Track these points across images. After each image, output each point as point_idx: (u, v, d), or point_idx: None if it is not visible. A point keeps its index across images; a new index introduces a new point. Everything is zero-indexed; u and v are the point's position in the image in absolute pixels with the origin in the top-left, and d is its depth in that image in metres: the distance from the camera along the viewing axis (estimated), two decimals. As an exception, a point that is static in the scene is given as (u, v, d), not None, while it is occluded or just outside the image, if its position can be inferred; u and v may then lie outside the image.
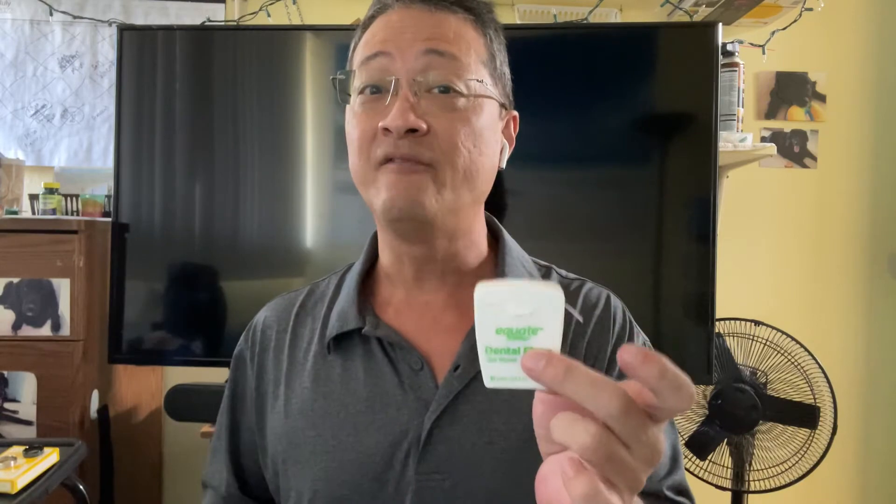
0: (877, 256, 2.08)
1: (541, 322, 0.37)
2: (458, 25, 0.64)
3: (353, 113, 0.65)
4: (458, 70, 0.61)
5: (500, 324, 0.37)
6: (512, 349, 0.37)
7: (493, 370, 0.38)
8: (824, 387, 1.55)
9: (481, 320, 0.38)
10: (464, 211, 0.65)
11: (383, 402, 0.64)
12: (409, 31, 0.62)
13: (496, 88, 0.66)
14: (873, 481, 2.11)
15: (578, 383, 0.35)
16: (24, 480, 1.07)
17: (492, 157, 0.66)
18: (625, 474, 0.35)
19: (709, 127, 1.36)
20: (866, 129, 2.08)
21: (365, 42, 0.65)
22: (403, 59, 0.61)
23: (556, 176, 1.42)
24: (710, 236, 1.37)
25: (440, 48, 0.61)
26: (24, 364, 1.46)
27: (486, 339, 0.38)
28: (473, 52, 0.63)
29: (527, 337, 0.37)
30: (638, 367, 0.34)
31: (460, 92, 0.61)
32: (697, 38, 1.39)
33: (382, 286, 0.72)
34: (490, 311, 0.38)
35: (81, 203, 1.72)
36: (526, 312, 0.37)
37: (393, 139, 0.60)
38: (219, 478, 0.75)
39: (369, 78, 0.62)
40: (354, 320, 0.67)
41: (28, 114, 1.94)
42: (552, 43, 1.45)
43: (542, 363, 0.36)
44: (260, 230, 1.46)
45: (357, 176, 0.65)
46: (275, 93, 1.45)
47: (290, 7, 1.89)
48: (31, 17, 1.94)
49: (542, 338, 0.37)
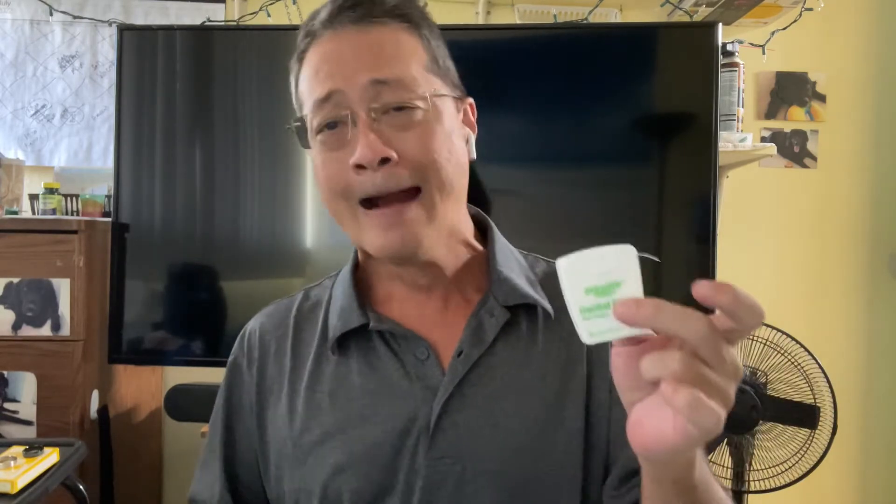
0: (877, 256, 2.08)
1: (621, 275, 0.41)
2: (392, 38, 0.63)
3: (317, 152, 0.64)
4: (407, 86, 0.62)
5: (588, 283, 0.41)
6: (602, 304, 0.41)
7: (589, 327, 0.42)
8: (824, 387, 1.55)
9: (570, 285, 0.42)
10: (450, 217, 0.66)
11: (389, 394, 0.65)
12: (350, 60, 0.61)
13: (446, 86, 0.66)
14: (873, 481, 2.11)
15: (669, 316, 0.39)
16: (24, 480, 1.07)
17: (462, 155, 0.67)
18: (716, 391, 0.38)
19: (709, 127, 1.36)
20: (866, 129, 2.08)
21: (308, 78, 0.64)
22: (353, 89, 0.61)
23: (556, 176, 1.42)
24: (710, 236, 1.37)
25: (384, 77, 0.61)
26: (24, 364, 1.46)
27: (577, 300, 0.42)
28: (415, 62, 0.63)
29: (612, 291, 0.41)
30: (714, 296, 0.39)
31: (416, 106, 0.62)
32: (697, 38, 1.39)
33: (379, 282, 0.72)
34: (575, 275, 0.42)
35: (81, 203, 1.72)
36: (606, 270, 0.41)
37: (368, 174, 0.60)
38: (210, 491, 0.73)
39: (325, 117, 0.62)
40: (358, 317, 0.67)
41: (28, 114, 1.94)
42: (552, 43, 1.45)
43: (634, 308, 0.39)
44: (260, 230, 1.46)
45: (335, 214, 0.66)
46: (275, 93, 1.45)
47: (290, 7, 1.89)
48: (31, 17, 1.94)
49: (626, 288, 0.41)
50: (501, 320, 0.66)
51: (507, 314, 0.67)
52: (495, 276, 0.69)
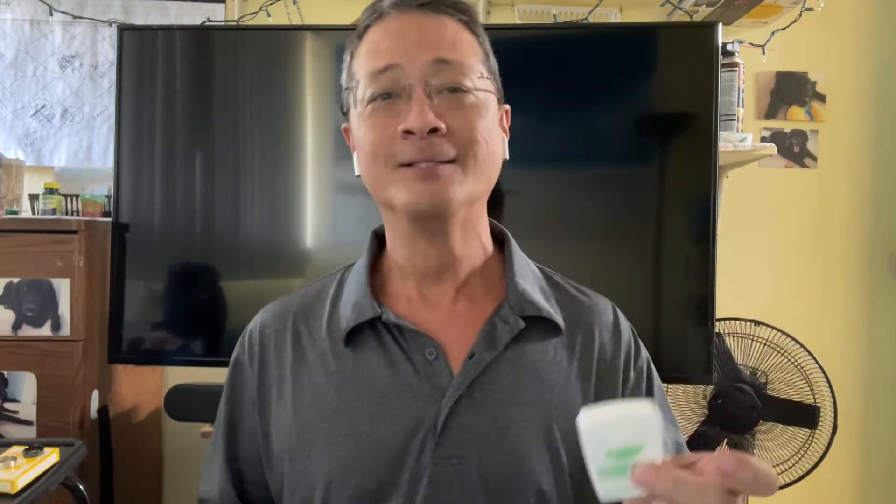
0: (877, 256, 2.08)
1: (643, 440, 0.43)
2: (454, 29, 0.66)
3: (363, 118, 0.66)
4: (465, 71, 0.64)
5: (608, 447, 0.43)
6: (621, 467, 0.43)
7: (607, 486, 0.44)
8: (824, 387, 1.55)
9: (591, 447, 0.43)
10: (476, 203, 0.69)
11: (398, 392, 0.65)
12: (413, 38, 0.64)
13: (493, 84, 0.69)
14: (873, 481, 2.11)
15: (686, 489, 0.41)
16: (24, 480, 1.07)
17: (499, 150, 0.70)
18: None
19: (709, 127, 1.36)
20: (866, 129, 2.08)
21: (368, 52, 0.66)
22: (413, 66, 0.63)
23: (556, 176, 1.42)
24: (710, 236, 1.37)
25: (446, 57, 0.63)
26: (24, 364, 1.46)
27: (597, 463, 0.43)
28: (473, 54, 0.66)
29: (633, 455, 0.43)
30: (735, 473, 0.41)
31: (469, 90, 0.64)
32: (697, 38, 1.39)
33: (391, 281, 0.73)
34: (597, 438, 0.43)
35: (81, 203, 1.72)
36: (629, 434, 0.43)
37: (415, 141, 0.62)
38: (216, 488, 0.74)
39: (381, 87, 0.64)
40: (371, 310, 0.68)
41: (28, 114, 1.94)
42: (552, 43, 1.45)
43: (653, 476, 0.42)
44: (260, 230, 1.46)
45: (372, 180, 0.67)
46: (275, 93, 1.45)
47: (290, 7, 1.89)
48: (31, 17, 1.94)
49: (646, 453, 0.43)
50: (515, 329, 0.67)
51: (521, 323, 0.68)
52: (512, 285, 0.70)
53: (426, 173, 0.63)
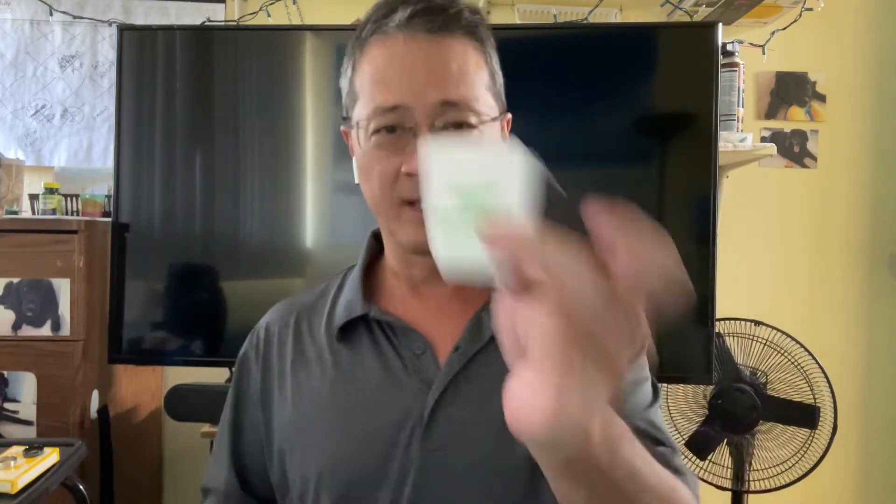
0: (877, 256, 2.08)
1: (497, 177, 0.29)
2: (462, 54, 0.65)
3: (369, 148, 0.66)
4: (471, 107, 0.64)
5: (453, 177, 0.30)
6: (464, 207, 0.30)
7: (446, 241, 0.31)
8: (824, 387, 1.55)
9: (431, 173, 0.30)
10: None
11: (388, 386, 0.67)
12: (421, 74, 0.63)
13: (497, 105, 0.69)
14: (873, 481, 2.11)
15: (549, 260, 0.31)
16: (24, 480, 1.07)
17: None
18: (596, 366, 0.31)
19: (709, 127, 1.36)
20: (866, 129, 2.08)
21: (373, 77, 0.65)
22: (421, 106, 0.63)
23: (556, 176, 1.41)
24: (710, 236, 1.37)
25: (454, 98, 0.63)
26: (24, 364, 1.46)
27: (433, 199, 0.29)
28: (479, 81, 0.66)
29: (482, 194, 0.29)
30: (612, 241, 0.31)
31: (473, 126, 0.64)
32: (697, 38, 1.39)
33: (387, 281, 0.75)
34: (439, 165, 0.30)
35: (81, 203, 1.72)
36: (482, 166, 0.29)
37: (417, 181, 0.62)
38: (220, 478, 0.77)
39: (387, 122, 0.64)
40: (360, 307, 0.70)
41: (28, 114, 1.94)
42: (552, 43, 1.45)
43: (502, 228, 0.31)
44: (260, 230, 1.46)
45: (376, 207, 0.68)
46: (275, 93, 1.45)
47: (290, 7, 1.89)
48: (31, 17, 1.94)
49: (502, 197, 0.29)
50: None
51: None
52: None
53: None
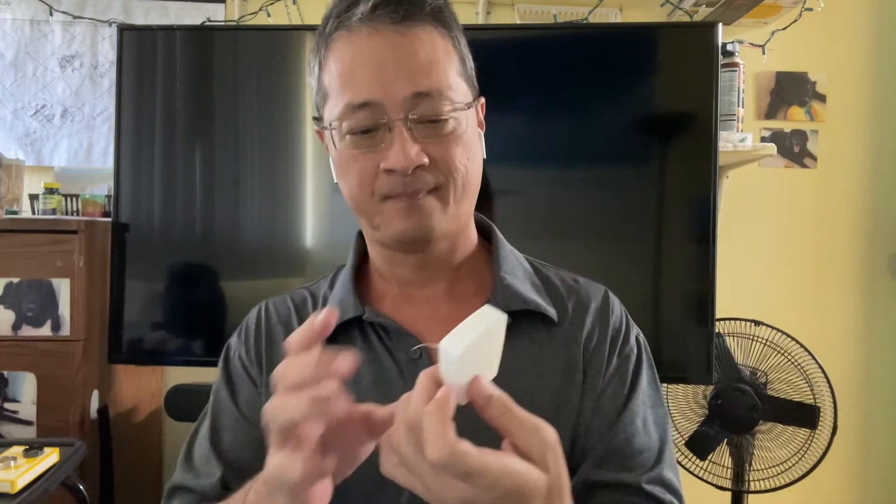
0: (877, 256, 2.08)
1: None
2: (429, 41, 0.63)
3: (344, 148, 0.65)
4: (444, 95, 0.63)
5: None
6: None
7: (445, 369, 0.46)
8: (824, 387, 1.55)
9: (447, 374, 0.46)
10: (462, 216, 0.69)
11: (382, 391, 0.65)
12: (390, 67, 0.61)
13: (469, 90, 0.67)
14: (873, 481, 2.11)
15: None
16: (24, 480, 1.07)
17: (479, 157, 0.69)
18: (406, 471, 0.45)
19: (709, 127, 1.36)
20: (866, 129, 2.08)
21: (341, 75, 0.63)
22: (392, 102, 0.61)
23: (557, 176, 1.42)
24: (710, 236, 1.37)
25: (423, 88, 0.62)
26: (24, 364, 1.46)
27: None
28: (450, 67, 0.64)
29: None
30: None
31: (448, 116, 0.63)
32: (697, 38, 1.39)
33: (376, 281, 0.73)
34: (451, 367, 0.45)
35: (81, 203, 1.72)
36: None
37: (397, 177, 0.62)
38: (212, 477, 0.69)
39: (359, 123, 0.63)
40: (353, 309, 0.68)
41: (28, 114, 1.94)
42: (552, 43, 1.45)
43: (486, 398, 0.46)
44: (260, 230, 1.46)
45: (356, 206, 0.67)
46: (275, 93, 1.45)
47: (290, 7, 1.89)
48: (31, 17, 1.94)
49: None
50: None
51: (507, 319, 0.67)
52: (498, 280, 0.69)
53: (409, 206, 0.63)
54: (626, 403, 0.68)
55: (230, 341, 0.77)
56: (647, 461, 0.67)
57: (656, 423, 0.70)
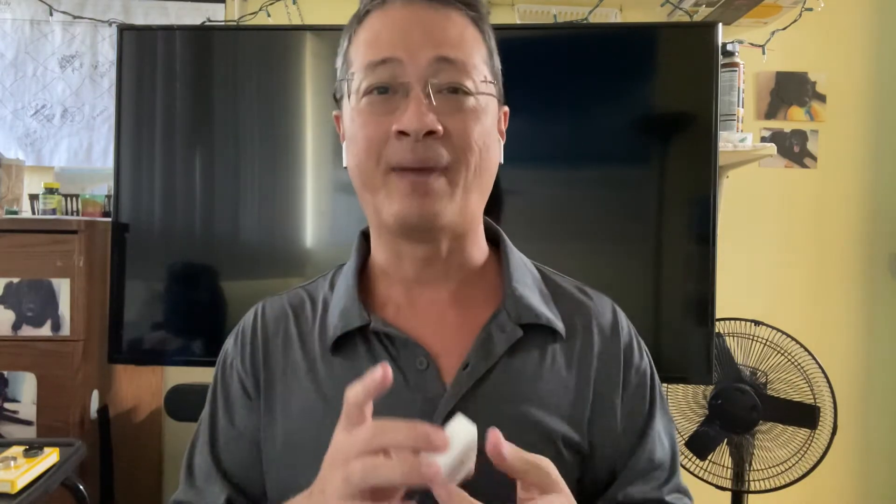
0: (877, 256, 2.08)
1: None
2: (461, 24, 0.64)
3: (358, 112, 0.63)
4: (468, 71, 0.62)
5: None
6: None
7: None
8: (824, 387, 1.55)
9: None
10: (471, 210, 0.66)
11: (388, 403, 0.62)
12: (417, 33, 0.61)
13: (496, 87, 0.67)
14: (873, 481, 2.11)
15: None
16: (24, 480, 1.07)
17: (495, 155, 0.67)
18: None
19: (709, 127, 1.36)
20: (866, 129, 2.08)
21: (367, 40, 0.63)
22: (414, 63, 0.60)
23: (556, 176, 1.42)
24: (710, 236, 1.37)
25: (450, 56, 0.61)
26: (24, 364, 1.46)
27: None
28: (477, 53, 0.64)
29: None
30: None
31: (469, 92, 0.62)
32: (697, 38, 1.39)
33: (379, 285, 0.71)
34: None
35: (81, 203, 1.72)
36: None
37: (409, 142, 0.59)
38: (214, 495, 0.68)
39: (378, 80, 0.61)
40: (358, 318, 0.66)
41: (28, 114, 1.94)
42: (552, 43, 1.45)
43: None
44: (260, 230, 1.46)
45: (361, 178, 0.64)
46: (275, 93, 1.45)
47: (290, 7, 1.89)
48: (31, 17, 1.94)
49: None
50: (513, 338, 0.65)
51: (518, 332, 0.65)
52: (509, 290, 0.67)
53: (415, 187, 0.60)
54: (648, 422, 0.69)
55: (226, 347, 0.75)
56: (665, 472, 0.68)
57: (667, 433, 0.71)
